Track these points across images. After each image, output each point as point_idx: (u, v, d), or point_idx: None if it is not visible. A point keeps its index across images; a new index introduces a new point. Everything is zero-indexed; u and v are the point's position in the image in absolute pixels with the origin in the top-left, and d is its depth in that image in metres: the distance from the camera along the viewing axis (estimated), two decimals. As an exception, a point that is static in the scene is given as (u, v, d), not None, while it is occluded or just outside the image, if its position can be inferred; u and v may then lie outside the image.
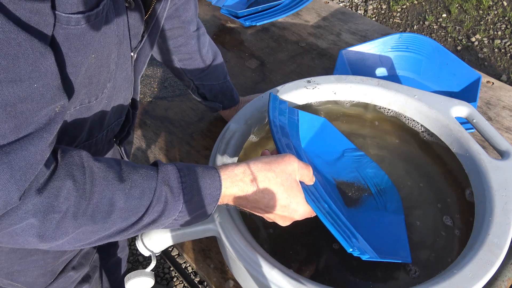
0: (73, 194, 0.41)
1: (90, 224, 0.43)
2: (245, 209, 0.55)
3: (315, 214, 0.55)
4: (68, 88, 0.44)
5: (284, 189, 0.52)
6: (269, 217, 0.55)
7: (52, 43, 0.39)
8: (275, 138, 0.60)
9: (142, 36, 0.57)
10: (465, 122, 0.76)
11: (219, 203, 0.51)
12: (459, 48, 2.41)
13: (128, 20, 0.51)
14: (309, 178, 0.56)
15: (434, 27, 2.57)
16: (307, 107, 0.81)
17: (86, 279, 0.78)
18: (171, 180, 0.48)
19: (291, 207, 0.53)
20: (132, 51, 0.55)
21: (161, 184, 0.47)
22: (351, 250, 0.51)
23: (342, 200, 0.69)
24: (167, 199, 0.47)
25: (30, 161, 0.37)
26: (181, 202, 0.48)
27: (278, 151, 0.59)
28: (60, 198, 0.40)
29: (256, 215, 0.56)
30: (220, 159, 0.68)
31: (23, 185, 0.37)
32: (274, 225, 0.57)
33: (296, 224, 0.56)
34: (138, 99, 0.67)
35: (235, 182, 0.51)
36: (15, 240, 0.41)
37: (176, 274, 1.51)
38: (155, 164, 0.49)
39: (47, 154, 0.40)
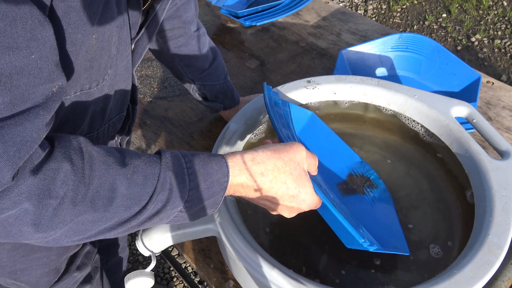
0: (71, 178, 0.38)
1: (90, 212, 0.40)
2: (251, 201, 0.52)
3: (321, 205, 0.53)
4: (67, 68, 0.42)
5: (293, 179, 0.50)
6: (274, 208, 0.52)
7: (51, 17, 0.37)
8: (276, 127, 0.58)
9: (141, 28, 0.56)
10: (465, 122, 0.76)
11: (226, 194, 0.48)
12: (459, 48, 2.41)
13: (127, 7, 0.50)
14: (314, 168, 0.54)
15: (434, 27, 2.57)
16: (307, 107, 0.81)
17: (87, 279, 0.78)
18: (176, 166, 0.45)
19: (299, 197, 0.51)
20: (131, 40, 0.54)
21: (165, 170, 0.44)
22: (362, 241, 0.50)
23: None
24: (172, 186, 0.44)
25: (25, 137, 0.35)
26: (187, 189, 0.45)
27: (280, 141, 0.57)
28: (57, 182, 0.37)
29: (259, 208, 0.52)
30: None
31: (16, 162, 0.35)
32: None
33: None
34: (137, 94, 0.67)
35: (243, 170, 0.48)
36: (8, 231, 0.38)
37: (176, 274, 1.51)
38: (158, 153, 0.47)
39: (43, 134, 0.38)
